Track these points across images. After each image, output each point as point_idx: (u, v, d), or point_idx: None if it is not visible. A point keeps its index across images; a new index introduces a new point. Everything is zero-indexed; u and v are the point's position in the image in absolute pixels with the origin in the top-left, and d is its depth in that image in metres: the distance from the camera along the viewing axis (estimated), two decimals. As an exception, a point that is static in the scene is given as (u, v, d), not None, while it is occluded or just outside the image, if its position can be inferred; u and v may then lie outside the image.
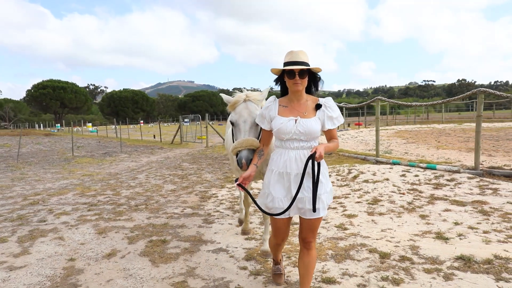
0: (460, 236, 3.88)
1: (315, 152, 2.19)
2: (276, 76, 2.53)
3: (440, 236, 3.89)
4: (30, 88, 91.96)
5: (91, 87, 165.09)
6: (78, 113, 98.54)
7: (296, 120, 2.35)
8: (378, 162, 8.70)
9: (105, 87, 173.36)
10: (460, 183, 6.20)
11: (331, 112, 2.43)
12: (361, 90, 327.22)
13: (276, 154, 2.45)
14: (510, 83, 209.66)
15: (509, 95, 6.94)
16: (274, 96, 2.58)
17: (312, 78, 2.45)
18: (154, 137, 25.91)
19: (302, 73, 2.32)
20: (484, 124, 23.53)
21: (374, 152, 10.34)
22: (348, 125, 28.01)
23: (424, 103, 9.09)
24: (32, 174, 10.04)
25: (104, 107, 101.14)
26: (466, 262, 3.24)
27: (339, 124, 2.49)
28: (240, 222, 4.45)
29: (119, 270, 3.48)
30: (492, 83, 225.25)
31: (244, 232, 4.23)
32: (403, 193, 5.85)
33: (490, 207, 4.82)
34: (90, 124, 53.09)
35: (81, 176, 9.36)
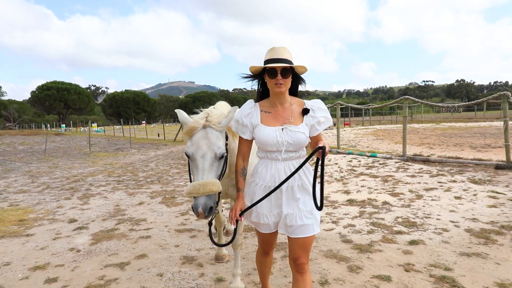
0: (358, 192, 6.22)
1: (324, 147, 1.97)
2: (252, 76, 2.21)
3: (346, 192, 6.23)
4: (34, 90, 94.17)
5: (93, 88, 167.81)
6: (81, 113, 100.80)
7: (283, 129, 2.09)
8: (338, 153, 11.04)
9: (106, 87, 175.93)
10: (387, 165, 8.54)
11: (320, 116, 2.17)
12: (361, 90, 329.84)
13: (261, 166, 2.17)
14: (510, 83, 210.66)
15: (428, 102, 9.24)
16: (252, 100, 2.26)
17: (297, 78, 2.18)
18: (159, 136, 28.29)
19: (285, 72, 2.04)
20: (457, 124, 25.83)
21: (343, 146, 12.76)
22: (334, 125, 30.25)
23: (374, 105, 11.42)
24: (62, 164, 12.40)
25: (106, 108, 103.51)
26: (350, 202, 5.57)
27: (329, 125, 2.27)
28: (217, 258, 3.67)
29: (147, 209, 5.80)
30: (492, 83, 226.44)
31: (218, 258, 3.65)
32: (342, 172, 8.18)
33: (393, 178, 7.16)
34: (95, 124, 55.42)
35: (104, 165, 11.71)
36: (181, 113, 2.28)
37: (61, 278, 3.32)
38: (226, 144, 2.28)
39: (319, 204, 2.00)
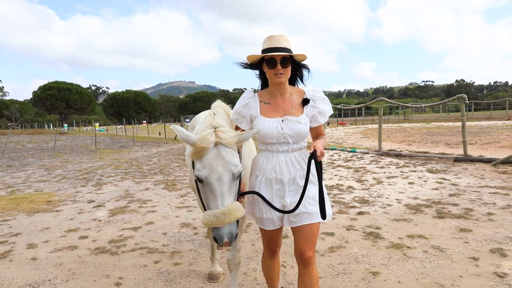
0: (330, 179, 7.33)
1: (315, 151, 1.86)
2: (251, 65, 2.14)
3: (320, 179, 7.35)
4: (36, 90, 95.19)
5: (93, 87, 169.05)
6: (82, 113, 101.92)
7: (283, 121, 2.03)
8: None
9: (107, 87, 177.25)
10: (363, 159, 9.65)
11: (320, 106, 2.10)
12: (361, 90, 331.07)
13: (262, 158, 2.12)
14: (509, 83, 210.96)
15: (402, 103, 10.33)
16: (252, 89, 2.20)
17: (296, 67, 2.11)
18: (160, 134, 29.43)
19: (284, 61, 1.96)
20: (445, 123, 26.91)
21: (330, 143, 13.88)
22: (328, 124, 31.34)
23: (352, 106, 12.54)
24: (72, 159, 13.52)
25: (107, 108, 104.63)
26: (321, 186, 6.68)
27: (329, 116, 2.17)
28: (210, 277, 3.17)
29: (153, 193, 6.91)
30: (492, 83, 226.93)
31: (212, 277, 3.15)
32: (322, 164, 9.30)
33: (364, 169, 8.27)
34: (97, 123, 56.59)
35: (110, 160, 12.83)
36: (179, 130, 1.86)
37: (90, 236, 4.43)
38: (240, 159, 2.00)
39: (324, 213, 1.90)
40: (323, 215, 1.90)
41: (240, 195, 2.01)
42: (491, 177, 6.74)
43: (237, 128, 2.19)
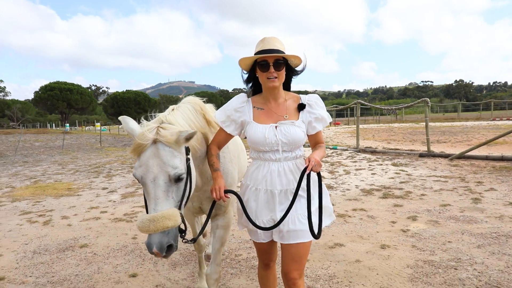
0: (308, 171, 8.57)
1: (307, 167, 1.74)
2: (251, 75, 2.03)
3: (299, 171, 8.59)
4: (37, 90, 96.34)
5: (93, 87, 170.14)
6: (83, 113, 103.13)
7: (276, 127, 1.91)
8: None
9: (107, 87, 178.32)
10: (341, 155, 10.89)
11: (318, 112, 1.97)
12: (361, 90, 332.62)
13: (253, 167, 2.00)
14: (509, 84, 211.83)
15: (377, 106, 11.54)
16: (245, 94, 2.06)
17: (291, 72, 2.00)
18: (159, 134, 30.66)
19: (277, 64, 1.86)
20: (433, 124, 28.14)
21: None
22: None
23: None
24: (80, 156, 14.77)
25: (108, 108, 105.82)
26: (298, 177, 7.93)
27: (327, 124, 2.04)
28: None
29: (156, 183, 8.14)
30: (491, 83, 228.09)
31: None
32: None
33: (339, 163, 9.51)
34: (99, 123, 57.82)
35: (116, 157, 14.08)
36: (126, 122, 1.82)
37: (109, 212, 5.67)
38: (188, 160, 1.81)
39: (315, 232, 1.78)
40: (312, 234, 1.77)
41: (225, 192, 1.90)
42: (442, 169, 7.98)
43: (220, 132, 2.05)
